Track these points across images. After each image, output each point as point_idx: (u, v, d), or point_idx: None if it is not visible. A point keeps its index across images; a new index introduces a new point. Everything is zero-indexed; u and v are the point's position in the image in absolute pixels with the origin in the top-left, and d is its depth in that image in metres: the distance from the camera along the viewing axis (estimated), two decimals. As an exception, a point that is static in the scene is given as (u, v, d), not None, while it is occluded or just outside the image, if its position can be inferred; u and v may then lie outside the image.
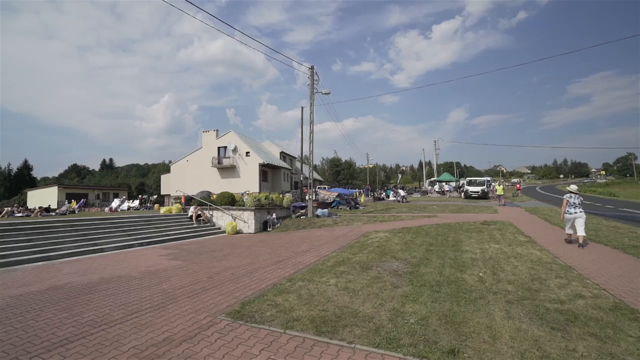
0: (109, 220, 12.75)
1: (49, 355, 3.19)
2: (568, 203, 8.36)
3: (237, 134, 36.65)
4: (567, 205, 8.36)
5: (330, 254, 8.15)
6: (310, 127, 18.14)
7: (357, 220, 15.65)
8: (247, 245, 10.60)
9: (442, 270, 6.15)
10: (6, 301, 4.96)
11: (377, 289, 5.07)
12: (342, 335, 3.50)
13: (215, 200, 16.79)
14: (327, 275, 5.99)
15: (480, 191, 29.76)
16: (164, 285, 5.75)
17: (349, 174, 73.50)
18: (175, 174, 37.38)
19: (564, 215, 8.44)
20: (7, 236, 9.13)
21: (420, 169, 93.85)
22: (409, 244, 8.92)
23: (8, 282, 6.15)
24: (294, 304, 4.48)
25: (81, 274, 6.82)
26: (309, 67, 17.95)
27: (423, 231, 11.14)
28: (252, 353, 3.17)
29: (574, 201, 8.27)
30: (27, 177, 74.77)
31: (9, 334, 3.72)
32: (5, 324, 4.02)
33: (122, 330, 3.77)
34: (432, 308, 4.21)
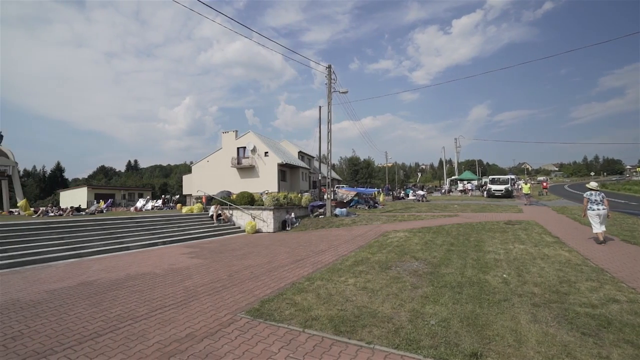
0: (134, 219, 13.24)
1: (81, 347, 3.35)
2: (589, 200, 8.32)
3: (255, 134, 37.11)
4: (589, 202, 8.31)
5: (349, 254, 8.11)
6: (328, 126, 18.14)
7: (375, 219, 15.50)
8: (266, 245, 10.72)
9: (463, 271, 5.99)
10: (42, 295, 5.24)
11: (396, 289, 5.01)
12: (360, 335, 3.47)
13: (235, 200, 17.09)
14: (345, 275, 5.96)
15: (504, 190, 28.78)
16: (186, 283, 5.91)
17: (367, 173, 72.93)
18: (197, 175, 38.31)
19: (586, 212, 8.39)
20: (43, 234, 9.66)
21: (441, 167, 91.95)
22: (429, 244, 8.76)
23: (43, 278, 6.51)
24: (312, 303, 4.50)
25: (109, 270, 7.12)
26: (326, 67, 17.94)
27: (444, 231, 10.90)
28: (272, 351, 3.21)
29: (595, 198, 8.25)
30: (60, 178, 78.98)
31: (44, 326, 3.94)
32: (41, 317, 4.25)
33: (147, 326, 3.90)
34: (453, 310, 4.11)
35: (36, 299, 5.06)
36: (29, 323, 4.07)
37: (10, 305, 4.77)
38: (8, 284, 6.07)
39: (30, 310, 4.54)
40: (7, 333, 3.77)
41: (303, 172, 40.37)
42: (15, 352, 3.28)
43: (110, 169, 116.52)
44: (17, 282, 6.16)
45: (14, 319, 4.21)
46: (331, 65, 17.84)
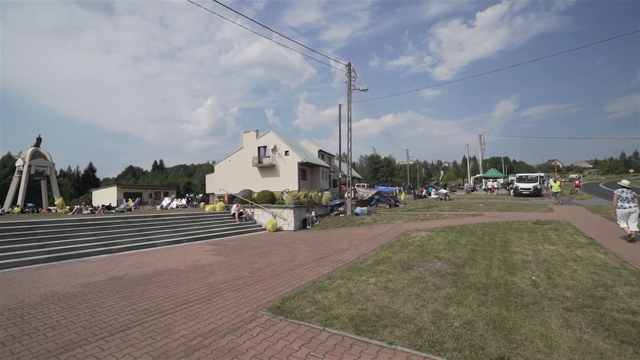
0: (160, 217, 13.74)
1: (112, 339, 3.51)
2: (620, 198, 8.18)
3: (276, 133, 37.52)
4: (619, 200, 8.16)
5: (370, 253, 8.05)
6: (348, 124, 18.04)
7: (397, 218, 15.29)
8: (287, 243, 10.82)
9: (489, 272, 5.80)
10: (77, 289, 5.54)
11: (418, 290, 4.92)
12: (382, 336, 3.44)
13: (256, 198, 17.36)
14: (366, 274, 5.92)
15: (532, 188, 27.56)
16: (209, 279, 6.06)
17: (388, 171, 72.02)
18: (219, 174, 39.24)
19: (616, 210, 8.25)
20: (77, 231, 10.22)
21: (464, 165, 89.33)
22: (452, 244, 8.54)
23: (78, 272, 6.88)
24: (333, 302, 4.49)
25: (137, 266, 7.42)
26: (346, 65, 17.84)
27: (468, 230, 10.59)
28: (292, 348, 3.23)
29: (626, 196, 8.13)
30: (92, 178, 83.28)
31: (79, 318, 4.16)
32: (77, 309, 4.50)
33: (173, 320, 4.04)
34: (478, 312, 3.99)
35: (72, 292, 5.35)
36: (66, 314, 4.31)
37: (50, 297, 5.07)
38: (48, 277, 6.47)
39: (67, 302, 4.81)
40: (47, 323, 4.01)
41: (323, 170, 40.42)
42: (54, 341, 3.49)
43: (138, 169, 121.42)
44: (55, 276, 6.54)
45: (52, 310, 4.48)
46: (351, 63, 17.73)
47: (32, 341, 3.51)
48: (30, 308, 4.58)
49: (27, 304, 4.75)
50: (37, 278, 6.39)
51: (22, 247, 8.31)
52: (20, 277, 6.52)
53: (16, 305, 4.73)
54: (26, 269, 7.28)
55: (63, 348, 3.33)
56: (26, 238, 8.94)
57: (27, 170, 34.80)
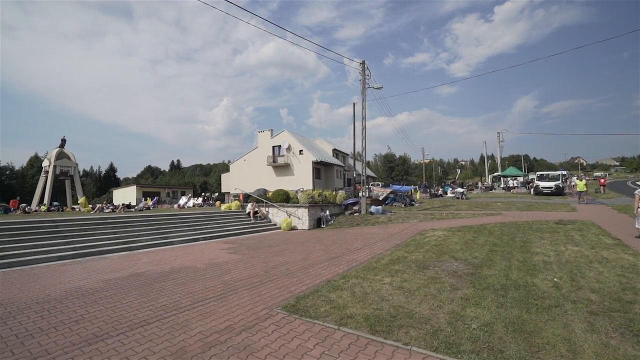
0: (178, 216, 14.04)
1: (132, 334, 3.61)
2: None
3: (290, 133, 37.69)
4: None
5: (385, 252, 7.98)
6: (362, 123, 17.93)
7: (412, 217, 15.10)
8: (302, 242, 10.86)
9: (508, 273, 5.64)
10: (99, 284, 5.74)
11: (434, 290, 4.83)
12: (397, 336, 3.40)
13: (271, 197, 17.50)
14: (381, 274, 5.87)
15: (554, 187, 26.65)
16: (225, 277, 6.15)
17: (403, 169, 71.32)
18: (234, 173, 39.77)
19: (638, 210, 8.42)
20: (99, 229, 10.57)
21: (482, 163, 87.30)
22: (469, 244, 8.36)
23: (100, 268, 7.12)
24: (347, 301, 4.48)
25: (156, 263, 7.61)
26: (360, 63, 17.72)
27: (486, 230, 10.35)
28: (307, 347, 3.24)
29: None
30: (113, 177, 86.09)
31: (101, 312, 4.30)
32: (99, 304, 4.66)
33: (190, 317, 4.12)
34: (497, 313, 3.88)
35: (94, 287, 5.54)
36: (89, 309, 4.47)
37: (74, 292, 5.27)
38: (72, 272, 6.72)
39: (90, 297, 4.99)
40: (72, 317, 4.17)
41: (337, 169, 40.35)
42: (78, 334, 3.62)
43: (156, 169, 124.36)
44: (79, 272, 6.80)
45: (77, 304, 4.65)
46: (365, 61, 17.60)
47: (58, 334, 3.65)
48: (56, 302, 4.78)
49: (53, 299, 4.95)
50: (62, 274, 6.65)
51: (48, 244, 8.67)
52: (46, 272, 6.80)
53: (43, 299, 4.93)
54: (52, 264, 7.59)
55: (87, 341, 3.45)
56: (52, 235, 9.32)
57: (53, 170, 36.28)
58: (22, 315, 4.25)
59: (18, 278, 6.32)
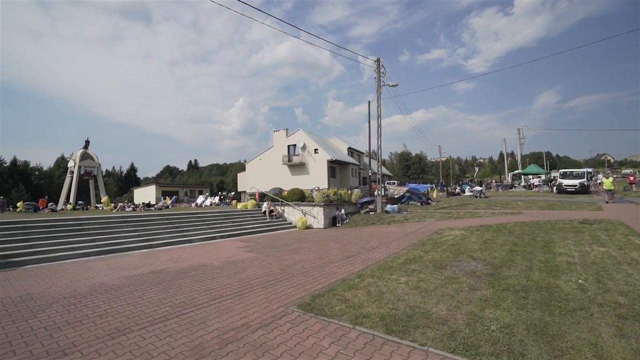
0: (195, 214, 14.34)
1: (152, 329, 3.72)
2: None
3: (305, 132, 37.78)
4: None
5: (401, 251, 7.89)
6: (377, 121, 17.77)
7: (429, 216, 14.86)
8: (317, 240, 10.88)
9: (529, 273, 5.47)
10: (121, 281, 5.93)
11: (452, 290, 4.74)
12: (413, 336, 3.35)
13: (286, 196, 17.61)
14: (397, 273, 5.81)
15: (578, 185, 25.62)
16: (241, 275, 6.24)
17: (419, 168, 70.26)
18: (250, 172, 40.24)
19: None
20: (121, 227, 10.93)
21: (501, 161, 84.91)
22: (488, 243, 8.15)
23: (122, 265, 7.36)
24: (363, 300, 4.45)
25: (174, 261, 7.80)
26: (375, 60, 17.56)
27: (505, 229, 10.07)
28: (322, 345, 3.24)
29: None
30: (134, 177, 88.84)
31: (123, 308, 4.45)
32: (121, 299, 4.82)
33: (208, 313, 4.20)
34: (517, 315, 3.77)
35: (117, 284, 5.74)
36: (112, 304, 4.63)
37: (98, 288, 5.47)
38: (96, 269, 6.98)
39: (112, 293, 5.16)
40: (96, 311, 4.33)
41: (353, 168, 40.18)
42: (102, 328, 3.76)
43: (174, 168, 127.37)
44: (102, 268, 7.05)
45: (100, 300, 4.83)
46: (380, 58, 17.43)
47: (83, 327, 3.80)
48: (82, 297, 4.97)
49: (78, 294, 5.16)
50: (87, 270, 6.91)
51: (74, 242, 9.03)
52: (72, 268, 7.09)
53: (70, 294, 5.15)
54: (77, 261, 7.91)
55: (110, 335, 3.58)
56: (77, 233, 9.71)
57: (78, 170, 37.75)
58: (51, 309, 4.45)
59: (47, 273, 6.62)
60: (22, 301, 4.83)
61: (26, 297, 5.04)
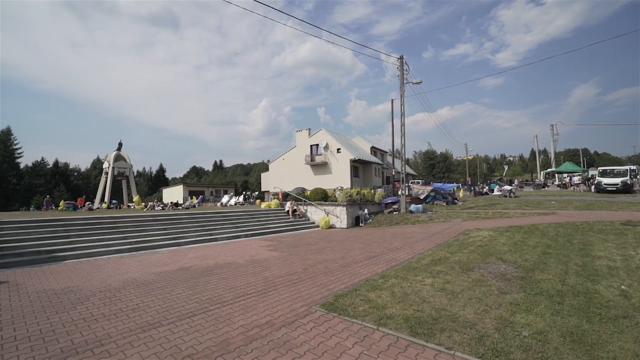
0: (221, 214, 14.72)
1: (181, 323, 3.85)
2: None
3: (327, 131, 37.80)
4: None
5: (426, 252, 7.71)
6: (401, 119, 17.48)
7: (455, 216, 14.44)
8: (340, 240, 10.86)
9: (564, 277, 5.18)
10: (152, 277, 6.19)
11: (479, 293, 4.58)
12: (439, 340, 3.26)
13: (309, 196, 17.70)
14: (422, 274, 5.68)
15: (620, 183, 23.93)
16: (265, 274, 6.33)
17: (445, 167, 68.46)
18: (273, 172, 40.79)
19: None
20: (151, 225, 11.41)
21: (533, 159, 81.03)
22: (519, 245, 7.80)
23: (152, 261, 7.68)
24: (387, 301, 4.39)
25: (201, 258, 8.04)
26: (398, 58, 17.26)
27: (538, 230, 9.59)
28: (345, 346, 3.22)
29: None
30: (162, 177, 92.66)
31: (154, 302, 4.64)
32: (152, 294, 5.02)
33: (233, 310, 4.29)
34: (551, 321, 3.58)
35: (147, 279, 5.99)
36: (143, 299, 4.84)
37: (130, 283, 5.74)
38: (128, 265, 7.33)
39: (143, 288, 5.40)
40: (129, 305, 4.55)
41: (376, 167, 39.76)
42: (134, 321, 3.93)
43: (200, 169, 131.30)
44: (134, 264, 7.39)
45: (133, 294, 5.06)
46: (403, 55, 17.12)
47: (117, 320, 4.00)
48: (116, 291, 5.23)
49: (113, 288, 5.44)
50: (120, 266, 7.27)
51: (109, 239, 9.53)
52: (107, 264, 7.48)
53: (105, 288, 5.43)
54: (112, 257, 8.34)
55: (141, 328, 3.74)
56: (112, 231, 10.23)
57: (112, 171, 39.81)
58: (89, 302, 4.72)
59: (85, 268, 7.02)
60: (64, 293, 5.15)
61: (67, 289, 5.37)
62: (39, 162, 67.84)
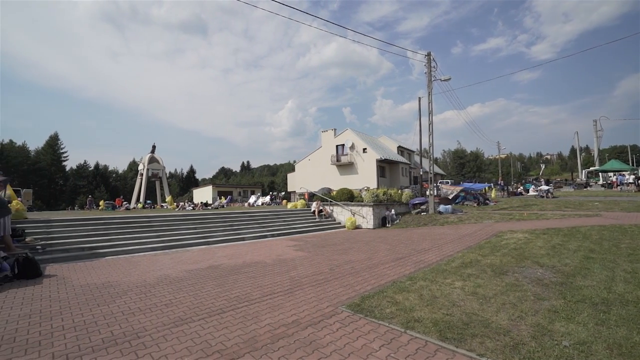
0: (248, 213, 15.05)
1: (210, 320, 3.97)
2: None
3: (353, 131, 37.62)
4: None
5: (455, 254, 7.46)
6: (429, 117, 17.04)
7: (487, 217, 13.86)
8: (366, 241, 10.76)
9: (611, 285, 4.81)
10: (183, 274, 6.44)
11: (514, 299, 4.35)
12: (470, 345, 3.14)
13: (335, 196, 17.68)
14: (451, 277, 5.50)
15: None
16: (291, 273, 6.40)
17: (475, 166, 66.00)
18: (299, 173, 41.17)
19: None
20: (182, 224, 11.88)
21: (573, 156, 76.11)
22: (557, 249, 7.34)
23: (184, 259, 7.99)
24: (414, 304, 4.29)
25: (229, 257, 8.26)
26: (425, 54, 16.86)
27: (579, 233, 8.98)
28: (372, 348, 3.18)
29: None
30: (193, 178, 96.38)
31: (185, 299, 4.82)
32: (183, 291, 5.23)
33: (260, 308, 4.37)
34: (596, 332, 3.33)
35: (179, 276, 6.24)
36: (176, 295, 5.05)
37: (164, 279, 6.01)
38: (162, 262, 7.67)
39: (176, 285, 5.63)
40: (163, 300, 4.76)
41: (403, 167, 39.05)
42: (167, 316, 4.11)
43: (229, 170, 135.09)
44: (167, 262, 7.73)
45: (166, 290, 5.29)
46: (430, 52, 16.70)
47: (152, 314, 4.20)
48: (150, 287, 5.50)
49: (148, 284, 5.71)
50: (154, 263, 7.63)
51: (144, 237, 10.03)
52: (142, 261, 7.88)
53: (141, 284, 5.72)
54: (147, 254, 8.77)
55: (174, 323, 3.90)
56: (147, 229, 10.77)
57: (146, 173, 41.92)
58: (126, 296, 4.99)
59: (122, 264, 7.44)
60: (104, 287, 5.48)
61: (107, 284, 5.71)
62: (82, 165, 72.89)
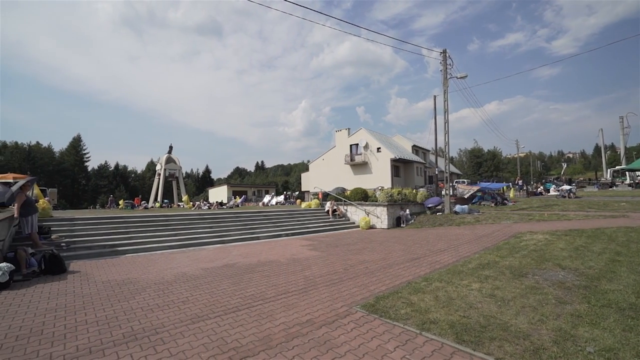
0: (262, 213, 15.19)
1: (226, 317, 4.03)
2: None
3: (367, 130, 37.38)
4: None
5: (472, 255, 7.31)
6: (444, 116, 16.75)
7: (505, 218, 13.51)
8: (381, 241, 10.67)
9: (639, 289, 4.60)
10: (200, 272, 6.57)
11: (534, 302, 4.22)
12: (488, 349, 3.06)
13: (349, 195, 17.62)
14: (468, 279, 5.39)
15: None
16: (306, 273, 6.41)
17: (492, 165, 64.44)
18: (313, 172, 41.24)
19: None
20: (198, 223, 12.11)
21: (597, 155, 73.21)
22: (581, 251, 7.08)
23: (200, 258, 8.14)
24: (430, 305, 4.22)
25: (244, 256, 8.36)
26: (441, 52, 16.57)
27: (604, 235, 8.63)
28: (387, 349, 3.15)
29: None
30: (208, 178, 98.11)
31: (201, 296, 4.91)
32: (199, 289, 5.33)
33: (275, 307, 4.40)
34: (623, 338, 3.20)
35: (196, 274, 6.36)
36: (192, 292, 5.15)
37: (181, 277, 6.14)
38: (179, 260, 7.84)
39: (192, 282, 5.74)
40: (180, 297, 4.86)
41: (417, 166, 38.54)
42: (184, 313, 4.20)
43: (243, 170, 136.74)
44: (184, 260, 7.89)
45: (183, 287, 5.41)
46: (446, 49, 16.41)
47: (170, 311, 4.29)
48: (168, 284, 5.63)
49: (166, 281, 5.85)
50: (172, 260, 7.80)
51: (162, 235, 10.28)
52: (160, 259, 8.07)
53: (159, 281, 5.87)
54: (165, 252, 8.98)
55: (191, 320, 3.98)
56: (164, 228, 11.02)
57: (163, 173, 42.93)
58: (145, 293, 5.12)
59: (141, 262, 7.64)
60: (124, 284, 5.65)
61: (127, 281, 5.89)
62: (103, 165, 75.40)
